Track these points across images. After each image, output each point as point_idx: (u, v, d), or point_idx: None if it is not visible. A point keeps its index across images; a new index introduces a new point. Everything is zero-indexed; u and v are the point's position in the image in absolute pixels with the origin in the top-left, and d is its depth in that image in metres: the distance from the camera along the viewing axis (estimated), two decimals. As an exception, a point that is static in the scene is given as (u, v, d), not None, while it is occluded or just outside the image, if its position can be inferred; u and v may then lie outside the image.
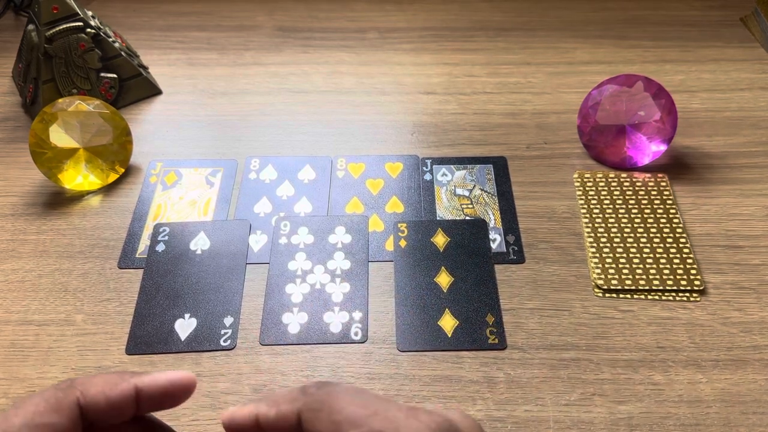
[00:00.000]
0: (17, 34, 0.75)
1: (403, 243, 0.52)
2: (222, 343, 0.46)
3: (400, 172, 0.58)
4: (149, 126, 0.64)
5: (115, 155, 0.57)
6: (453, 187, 0.57)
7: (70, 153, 0.55)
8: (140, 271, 0.51)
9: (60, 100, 0.55)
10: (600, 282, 0.49)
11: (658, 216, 0.53)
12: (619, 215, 0.54)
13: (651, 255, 0.50)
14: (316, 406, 0.28)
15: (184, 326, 0.47)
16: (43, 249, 0.53)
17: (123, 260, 0.52)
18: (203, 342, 0.46)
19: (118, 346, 0.46)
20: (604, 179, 0.57)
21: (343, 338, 0.46)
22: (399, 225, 0.53)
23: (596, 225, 0.53)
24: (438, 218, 0.54)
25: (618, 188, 0.56)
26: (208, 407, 0.43)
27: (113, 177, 0.58)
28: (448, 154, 0.60)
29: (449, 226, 0.53)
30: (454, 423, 0.27)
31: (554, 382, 0.43)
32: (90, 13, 0.65)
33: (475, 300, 0.48)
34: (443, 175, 0.58)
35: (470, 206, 0.55)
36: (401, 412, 0.27)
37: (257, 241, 0.53)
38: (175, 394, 0.31)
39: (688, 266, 0.50)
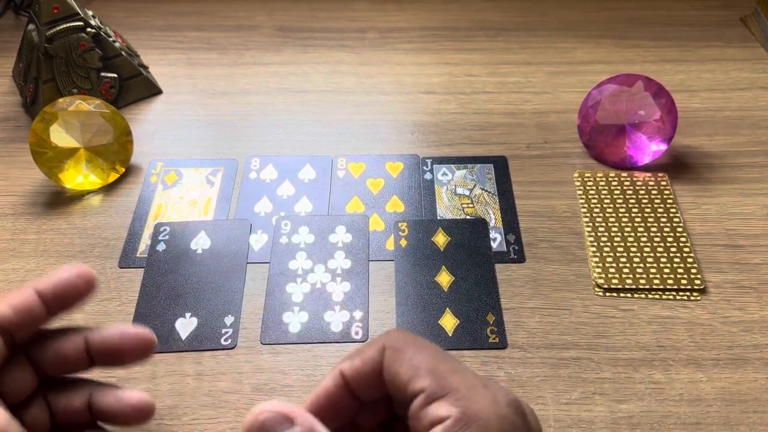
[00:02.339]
0: (17, 34, 0.75)
1: (403, 242, 0.52)
2: (223, 343, 0.46)
3: (400, 172, 0.58)
4: (149, 126, 0.64)
5: (116, 155, 0.57)
6: (453, 187, 0.57)
7: (71, 153, 0.55)
8: (141, 271, 0.51)
9: (60, 100, 0.55)
10: (600, 281, 0.49)
11: (658, 215, 0.53)
12: (620, 214, 0.54)
13: (651, 254, 0.50)
14: (400, 345, 0.28)
15: (185, 325, 0.47)
16: (43, 249, 0.53)
17: (123, 260, 0.52)
18: (204, 341, 0.46)
19: (119, 345, 0.46)
20: (604, 179, 0.57)
21: (344, 337, 0.46)
22: (399, 224, 0.53)
23: (596, 224, 0.53)
24: (438, 217, 0.54)
25: (618, 188, 0.56)
26: (209, 406, 0.43)
27: (114, 177, 0.58)
28: (448, 153, 0.60)
29: (450, 226, 0.53)
30: (521, 404, 0.27)
31: (555, 381, 0.43)
32: (90, 13, 0.65)
33: (476, 299, 0.48)
34: (444, 174, 0.58)
35: (471, 205, 0.55)
36: (478, 380, 0.27)
37: (258, 241, 0.53)
38: (73, 288, 0.32)
39: (688, 265, 0.50)
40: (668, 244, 0.51)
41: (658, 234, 0.52)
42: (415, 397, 0.27)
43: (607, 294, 0.49)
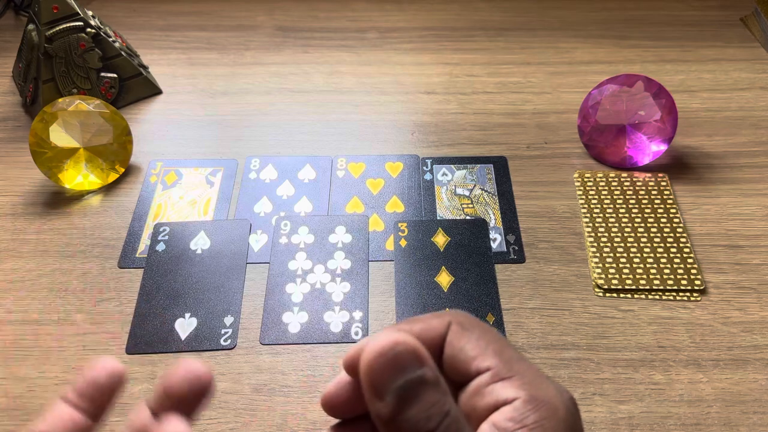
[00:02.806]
0: (17, 34, 0.75)
1: (403, 242, 0.52)
2: (222, 343, 0.46)
3: (400, 172, 0.58)
4: (149, 126, 0.64)
5: (116, 155, 0.57)
6: (453, 187, 0.57)
7: (71, 153, 0.55)
8: (140, 271, 0.51)
9: (60, 100, 0.55)
10: (600, 281, 0.49)
11: (658, 216, 0.53)
12: (620, 215, 0.54)
13: (651, 254, 0.50)
14: (467, 324, 0.28)
15: (185, 326, 0.47)
16: (43, 249, 0.52)
17: (123, 260, 0.52)
18: (203, 341, 0.46)
19: (119, 345, 0.46)
20: (604, 179, 0.57)
21: (344, 338, 0.46)
22: (399, 224, 0.53)
23: (596, 225, 0.53)
24: (438, 218, 0.54)
25: (618, 188, 0.56)
26: (209, 407, 0.43)
27: (113, 177, 0.58)
28: (448, 153, 0.60)
29: (449, 226, 0.53)
30: (574, 400, 0.27)
31: (555, 382, 0.43)
32: (90, 13, 0.65)
33: (476, 299, 0.48)
34: (443, 174, 0.58)
35: (470, 206, 0.55)
36: (540, 372, 0.27)
37: (257, 241, 0.53)
38: (95, 393, 0.29)
39: (688, 266, 0.50)
40: (668, 245, 0.51)
41: (658, 234, 0.52)
42: (479, 374, 0.27)
43: (607, 294, 0.48)
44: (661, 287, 0.48)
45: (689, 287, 0.48)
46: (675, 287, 0.48)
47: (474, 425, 0.26)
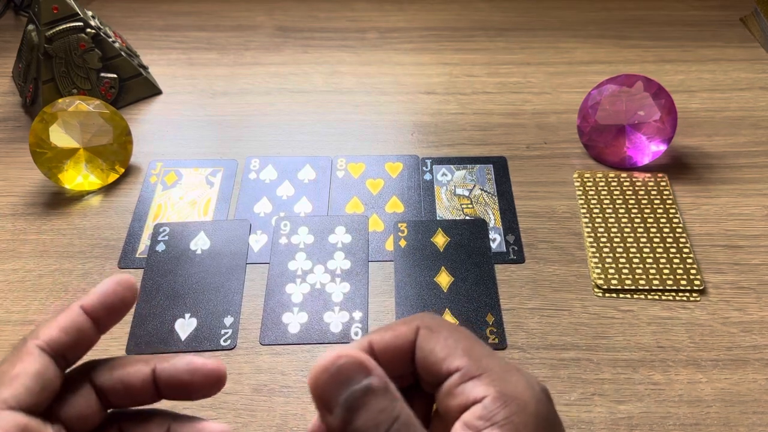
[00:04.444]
0: (17, 34, 0.75)
1: (403, 243, 0.52)
2: (222, 343, 0.46)
3: (400, 172, 0.58)
4: (149, 126, 0.64)
5: (115, 155, 0.57)
6: (453, 187, 0.57)
7: (70, 153, 0.55)
8: (140, 271, 0.51)
9: (60, 100, 0.55)
10: (600, 282, 0.49)
11: (658, 216, 0.53)
12: (619, 215, 0.54)
13: (651, 255, 0.50)
14: (434, 326, 0.29)
15: (184, 326, 0.47)
16: (43, 249, 0.53)
17: (123, 260, 0.52)
18: (203, 342, 0.46)
19: (118, 345, 0.46)
20: (604, 179, 0.57)
21: (344, 338, 0.46)
22: (399, 225, 0.53)
23: (596, 225, 0.53)
24: (438, 218, 0.54)
25: (618, 188, 0.56)
26: (208, 407, 0.43)
27: (113, 177, 0.58)
28: (448, 154, 0.60)
29: (449, 226, 0.53)
30: (547, 390, 0.28)
31: (554, 382, 0.43)
32: (90, 13, 0.65)
33: (475, 300, 0.48)
34: (443, 175, 0.58)
35: (470, 206, 0.55)
36: (511, 365, 0.27)
37: (257, 241, 0.53)
38: (118, 299, 0.31)
39: (687, 266, 0.50)
40: (668, 245, 0.51)
41: (658, 235, 0.52)
42: (450, 375, 0.27)
43: (607, 295, 0.49)
44: (661, 287, 0.48)
45: (689, 287, 0.48)
46: (674, 287, 0.48)
47: (450, 425, 0.27)
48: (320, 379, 0.25)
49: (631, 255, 0.51)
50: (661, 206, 0.54)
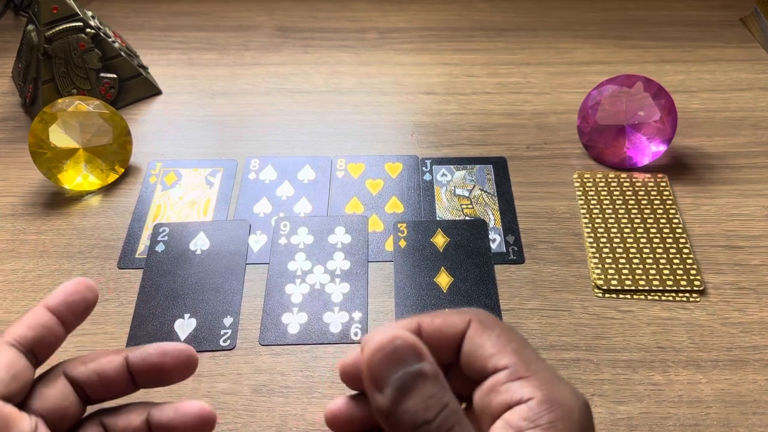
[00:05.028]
0: (17, 34, 0.75)
1: (402, 243, 0.52)
2: (222, 344, 0.46)
3: (399, 173, 0.58)
4: (149, 126, 0.64)
5: (115, 155, 0.57)
6: (453, 188, 0.57)
7: (70, 153, 0.55)
8: (140, 272, 0.51)
9: (60, 101, 0.55)
10: (600, 282, 0.49)
11: (657, 216, 0.53)
12: (619, 215, 0.54)
13: (651, 255, 0.50)
14: (488, 322, 0.29)
15: (184, 326, 0.47)
16: (42, 249, 0.53)
17: (123, 260, 0.52)
18: (203, 342, 0.46)
19: (118, 346, 0.46)
20: (603, 179, 0.57)
21: (343, 338, 0.46)
22: (399, 225, 0.53)
23: (596, 225, 0.53)
24: (438, 218, 0.54)
25: (618, 188, 0.56)
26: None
27: (113, 177, 0.58)
28: (447, 154, 0.60)
29: (449, 227, 0.53)
30: (588, 403, 0.28)
31: (554, 383, 0.43)
32: (90, 13, 0.65)
33: (475, 300, 0.48)
34: (443, 175, 0.58)
35: (470, 206, 0.55)
36: (557, 374, 0.28)
37: (257, 242, 0.53)
38: (79, 297, 0.32)
39: (687, 266, 0.50)
40: (668, 245, 0.51)
41: (658, 235, 0.52)
42: (495, 372, 0.27)
43: (607, 295, 0.49)
44: (661, 288, 0.48)
45: (688, 288, 0.48)
46: (674, 288, 0.48)
47: (488, 423, 0.27)
48: (375, 358, 0.25)
49: (631, 255, 0.50)
50: (661, 207, 0.54)
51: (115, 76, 0.64)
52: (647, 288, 0.48)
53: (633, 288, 0.48)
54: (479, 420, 0.28)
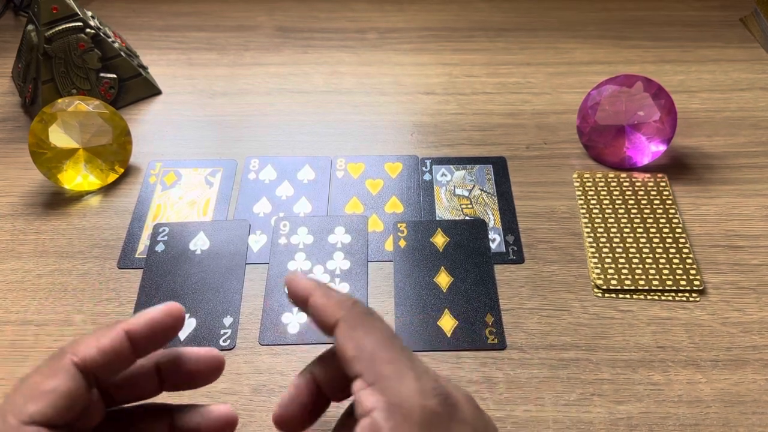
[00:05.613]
0: (17, 34, 0.75)
1: (402, 243, 0.52)
2: (221, 343, 0.46)
3: (399, 172, 0.58)
4: (149, 126, 0.64)
5: (115, 155, 0.57)
6: (452, 187, 0.57)
7: (70, 153, 0.55)
8: (140, 272, 0.51)
9: (59, 101, 0.55)
10: (599, 282, 0.49)
11: (657, 216, 0.53)
12: (619, 215, 0.54)
13: (650, 255, 0.50)
14: (354, 325, 0.30)
15: (184, 326, 0.47)
16: (42, 249, 0.53)
17: (122, 260, 0.52)
18: (202, 342, 0.46)
19: (118, 346, 0.46)
20: (603, 179, 0.57)
21: (343, 338, 0.46)
22: (398, 225, 0.53)
23: (596, 225, 0.53)
24: (437, 218, 0.54)
25: (617, 188, 0.56)
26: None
27: (113, 177, 0.58)
28: (447, 154, 0.60)
29: (449, 226, 0.53)
30: (452, 396, 0.28)
31: (553, 382, 0.43)
32: (89, 14, 0.65)
33: (475, 300, 0.48)
34: (443, 175, 0.58)
35: (470, 206, 0.55)
36: (412, 371, 0.28)
37: (257, 241, 0.53)
38: (164, 329, 0.31)
39: (687, 266, 0.50)
40: (667, 245, 0.51)
41: (658, 235, 0.52)
42: (355, 375, 0.28)
43: (606, 295, 0.48)
44: (660, 288, 0.48)
45: (688, 288, 0.48)
46: (674, 288, 0.48)
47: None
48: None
49: (630, 255, 0.50)
50: (661, 206, 0.54)
51: (114, 76, 0.64)
52: (647, 288, 0.48)
53: (632, 288, 0.48)
54: None
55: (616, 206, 0.54)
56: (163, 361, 0.33)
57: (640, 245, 0.51)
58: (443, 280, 0.50)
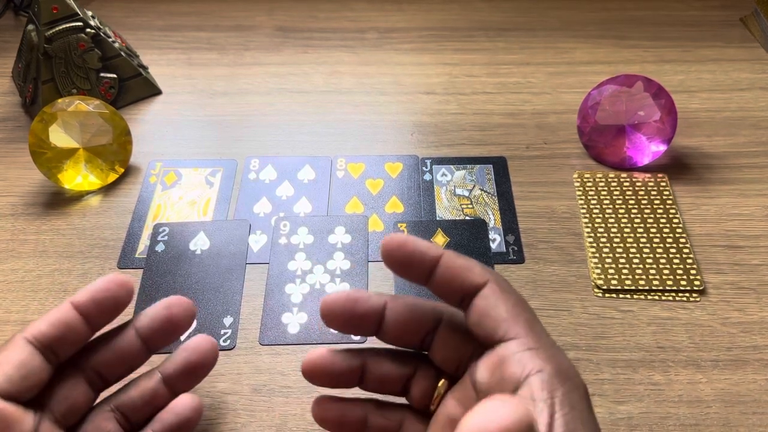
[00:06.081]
0: (17, 34, 0.75)
1: (402, 243, 0.52)
2: (221, 343, 0.46)
3: (399, 172, 0.58)
4: (149, 126, 0.64)
5: (115, 155, 0.57)
6: (453, 187, 0.57)
7: (70, 153, 0.55)
8: (140, 272, 0.51)
9: (60, 100, 0.55)
10: (600, 282, 0.49)
11: (657, 216, 0.53)
12: (619, 215, 0.54)
13: (651, 255, 0.50)
14: (506, 287, 0.30)
15: (184, 326, 0.47)
16: (42, 249, 0.53)
17: (122, 260, 0.52)
18: (203, 342, 0.46)
19: (118, 346, 0.46)
20: (603, 179, 0.57)
21: (343, 338, 0.46)
22: (399, 225, 0.53)
23: (596, 225, 0.53)
24: (438, 218, 0.54)
25: (618, 188, 0.56)
26: (208, 407, 0.43)
27: (113, 177, 0.58)
28: (447, 154, 0.60)
29: (449, 226, 0.53)
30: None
31: (554, 382, 0.43)
32: (90, 13, 0.65)
33: (475, 300, 0.48)
34: (443, 175, 0.58)
35: (470, 206, 0.55)
36: (563, 351, 0.29)
37: (257, 241, 0.53)
38: (112, 297, 0.32)
39: (687, 266, 0.50)
40: (668, 245, 0.51)
41: (658, 235, 0.52)
42: (504, 339, 0.29)
43: (607, 295, 0.49)
44: (661, 288, 0.48)
45: (688, 288, 0.48)
46: (674, 288, 0.48)
47: (496, 390, 0.28)
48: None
49: (631, 255, 0.50)
50: (661, 206, 0.54)
51: (115, 75, 0.64)
52: (647, 288, 0.48)
53: (633, 288, 0.48)
54: (474, 391, 0.28)
55: (617, 206, 0.54)
56: (137, 322, 0.34)
57: (641, 245, 0.51)
58: (443, 280, 0.49)
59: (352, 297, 0.32)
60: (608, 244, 0.51)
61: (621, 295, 0.48)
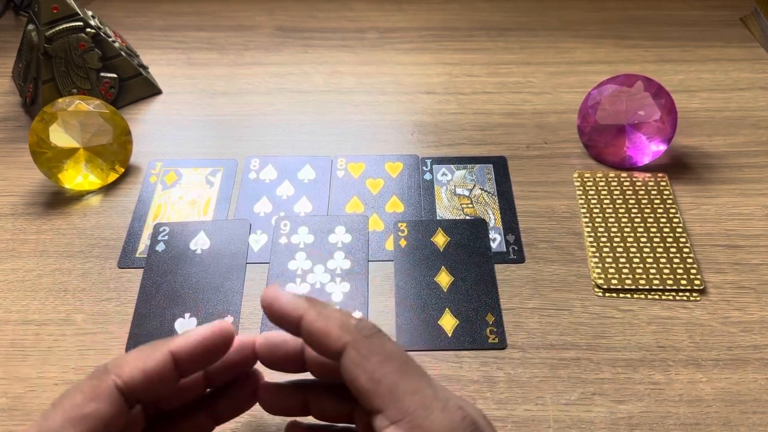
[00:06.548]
0: (17, 34, 0.75)
1: (403, 242, 0.52)
2: (222, 343, 0.46)
3: (400, 172, 0.58)
4: (149, 126, 0.64)
5: (115, 155, 0.57)
6: (453, 187, 0.57)
7: (70, 153, 0.55)
8: (140, 271, 0.51)
9: (60, 100, 0.55)
10: (600, 281, 0.49)
11: (658, 216, 0.53)
12: (619, 215, 0.54)
13: (651, 254, 0.50)
14: (365, 353, 0.28)
15: (184, 326, 0.47)
16: (43, 249, 0.53)
17: (123, 260, 0.52)
18: (203, 341, 0.46)
19: (118, 345, 0.46)
20: (604, 179, 0.57)
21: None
22: (399, 224, 0.53)
23: (596, 224, 0.53)
24: (438, 218, 0.54)
25: (618, 188, 0.56)
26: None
27: (113, 177, 0.58)
28: (448, 153, 0.60)
29: (449, 226, 0.53)
30: (479, 426, 0.27)
31: (554, 382, 0.43)
32: (90, 13, 0.65)
33: (475, 299, 0.48)
34: (443, 174, 0.58)
35: (470, 206, 0.55)
36: (437, 401, 0.27)
37: (257, 241, 0.53)
38: (213, 349, 0.30)
39: (688, 266, 0.50)
40: (668, 245, 0.51)
41: (658, 234, 0.52)
42: (373, 410, 0.27)
43: (607, 294, 0.49)
44: (661, 287, 0.48)
45: (689, 287, 0.48)
46: (674, 287, 0.48)
47: None
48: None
49: (631, 255, 0.50)
50: (661, 206, 0.54)
51: (115, 75, 0.64)
52: (647, 287, 0.48)
53: (633, 287, 0.48)
54: None
55: (617, 206, 0.54)
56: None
57: (641, 245, 0.51)
58: (444, 279, 0.50)
59: (271, 342, 0.33)
60: (608, 244, 0.51)
61: (621, 295, 0.48)
